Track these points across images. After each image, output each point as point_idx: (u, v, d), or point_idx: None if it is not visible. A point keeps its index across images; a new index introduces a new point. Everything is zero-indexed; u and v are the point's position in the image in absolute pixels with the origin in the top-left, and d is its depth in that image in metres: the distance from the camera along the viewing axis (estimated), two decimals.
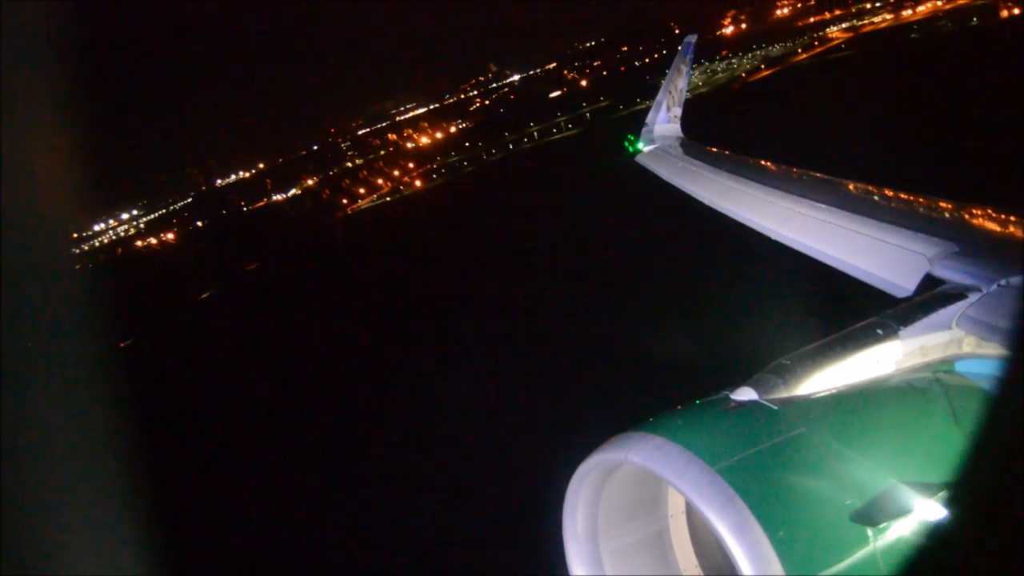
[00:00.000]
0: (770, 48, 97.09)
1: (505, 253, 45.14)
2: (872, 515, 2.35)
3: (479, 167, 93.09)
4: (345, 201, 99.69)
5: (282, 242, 79.83)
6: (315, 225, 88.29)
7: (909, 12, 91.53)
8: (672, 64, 11.65)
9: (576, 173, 60.49)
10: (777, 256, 5.79)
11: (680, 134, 10.85)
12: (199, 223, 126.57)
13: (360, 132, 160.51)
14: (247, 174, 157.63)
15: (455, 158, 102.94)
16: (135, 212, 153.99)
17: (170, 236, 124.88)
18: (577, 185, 55.48)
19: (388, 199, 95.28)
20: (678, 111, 11.17)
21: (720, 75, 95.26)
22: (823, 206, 5.61)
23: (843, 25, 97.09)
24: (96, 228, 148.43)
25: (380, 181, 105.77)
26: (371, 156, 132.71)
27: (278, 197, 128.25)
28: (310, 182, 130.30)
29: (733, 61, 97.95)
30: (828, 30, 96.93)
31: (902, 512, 2.37)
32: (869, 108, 41.60)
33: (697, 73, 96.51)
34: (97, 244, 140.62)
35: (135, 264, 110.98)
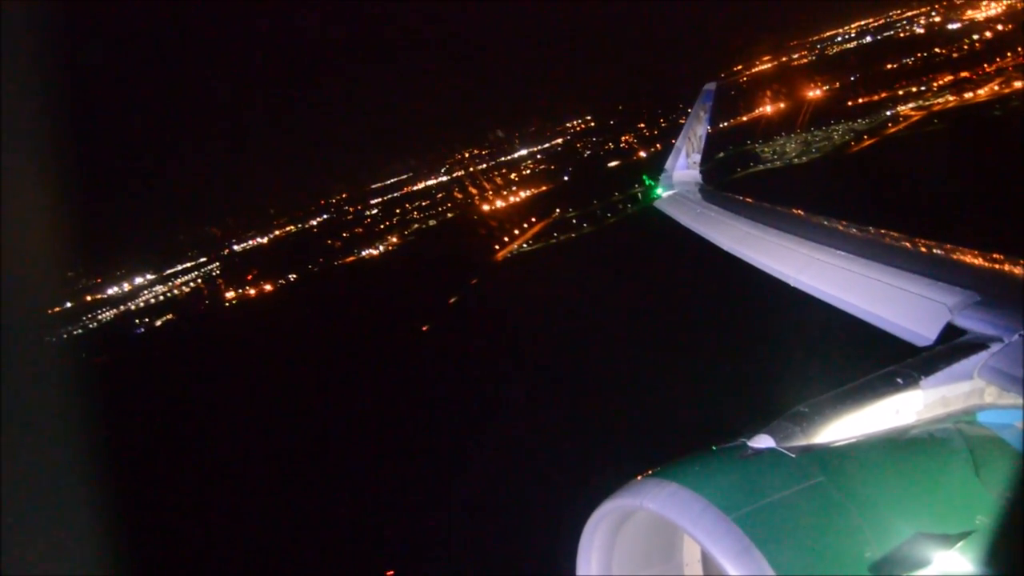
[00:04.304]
0: (851, 123, 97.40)
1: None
2: (891, 567, 2.23)
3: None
4: (498, 247, 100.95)
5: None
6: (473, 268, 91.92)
7: (971, 95, 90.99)
8: (692, 111, 11.47)
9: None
10: (796, 303, 5.66)
11: (699, 180, 10.63)
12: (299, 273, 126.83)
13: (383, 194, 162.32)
14: (263, 239, 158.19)
15: (572, 214, 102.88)
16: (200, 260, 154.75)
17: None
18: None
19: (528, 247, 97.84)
20: (697, 157, 10.98)
21: (822, 143, 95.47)
22: (843, 253, 5.45)
23: (911, 104, 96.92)
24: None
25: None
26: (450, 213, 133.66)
27: (372, 252, 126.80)
28: (394, 239, 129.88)
29: (817, 134, 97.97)
30: (899, 108, 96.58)
31: (922, 564, 2.26)
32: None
33: (793, 143, 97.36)
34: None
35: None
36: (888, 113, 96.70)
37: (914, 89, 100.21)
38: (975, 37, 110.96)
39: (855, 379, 3.11)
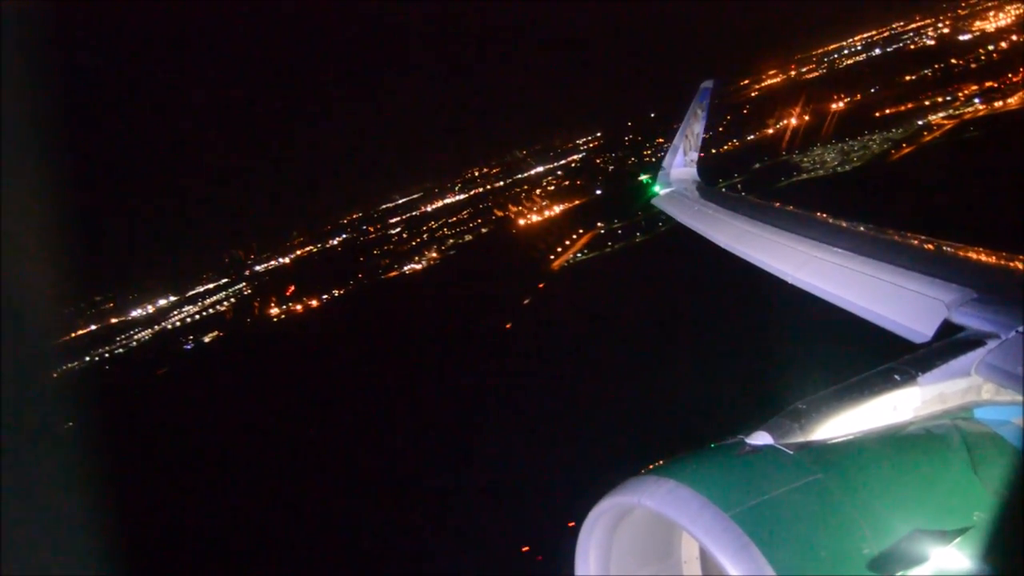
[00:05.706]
0: (886, 133, 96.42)
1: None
2: (890, 563, 2.20)
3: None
4: (552, 257, 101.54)
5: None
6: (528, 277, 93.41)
7: (1000, 104, 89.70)
8: (689, 109, 11.25)
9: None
10: (794, 301, 5.62)
11: (696, 178, 10.53)
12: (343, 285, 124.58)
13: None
14: (286, 259, 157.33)
15: (617, 225, 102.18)
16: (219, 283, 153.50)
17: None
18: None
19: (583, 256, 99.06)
20: (695, 155, 10.84)
21: (861, 152, 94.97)
22: (840, 251, 5.39)
23: (941, 114, 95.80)
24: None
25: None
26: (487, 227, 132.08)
27: (415, 267, 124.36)
28: (433, 254, 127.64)
29: (853, 143, 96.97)
30: (930, 118, 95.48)
31: (920, 560, 2.23)
32: None
33: (831, 153, 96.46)
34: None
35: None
36: (920, 122, 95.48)
37: (940, 99, 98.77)
38: (990, 48, 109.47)
39: (853, 376, 3.07)
